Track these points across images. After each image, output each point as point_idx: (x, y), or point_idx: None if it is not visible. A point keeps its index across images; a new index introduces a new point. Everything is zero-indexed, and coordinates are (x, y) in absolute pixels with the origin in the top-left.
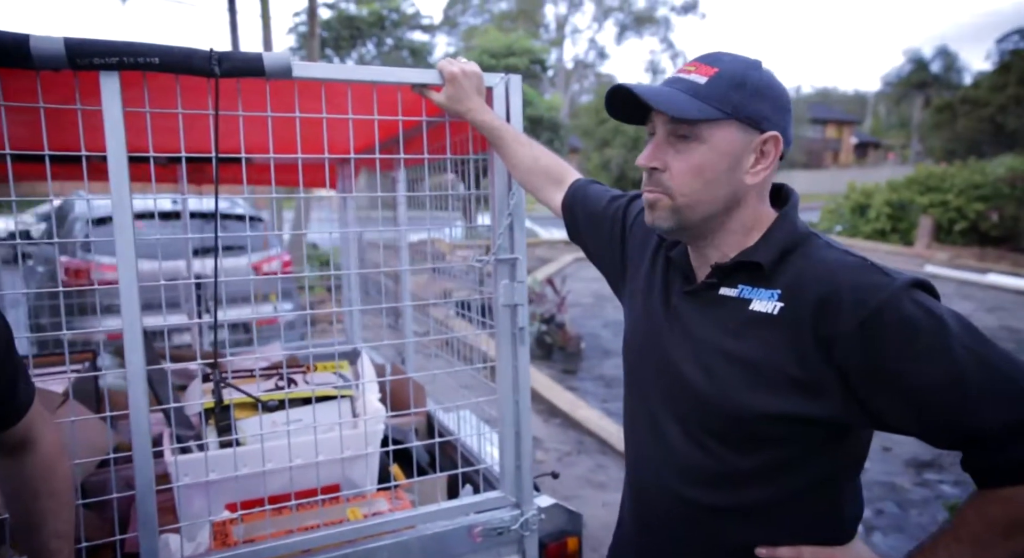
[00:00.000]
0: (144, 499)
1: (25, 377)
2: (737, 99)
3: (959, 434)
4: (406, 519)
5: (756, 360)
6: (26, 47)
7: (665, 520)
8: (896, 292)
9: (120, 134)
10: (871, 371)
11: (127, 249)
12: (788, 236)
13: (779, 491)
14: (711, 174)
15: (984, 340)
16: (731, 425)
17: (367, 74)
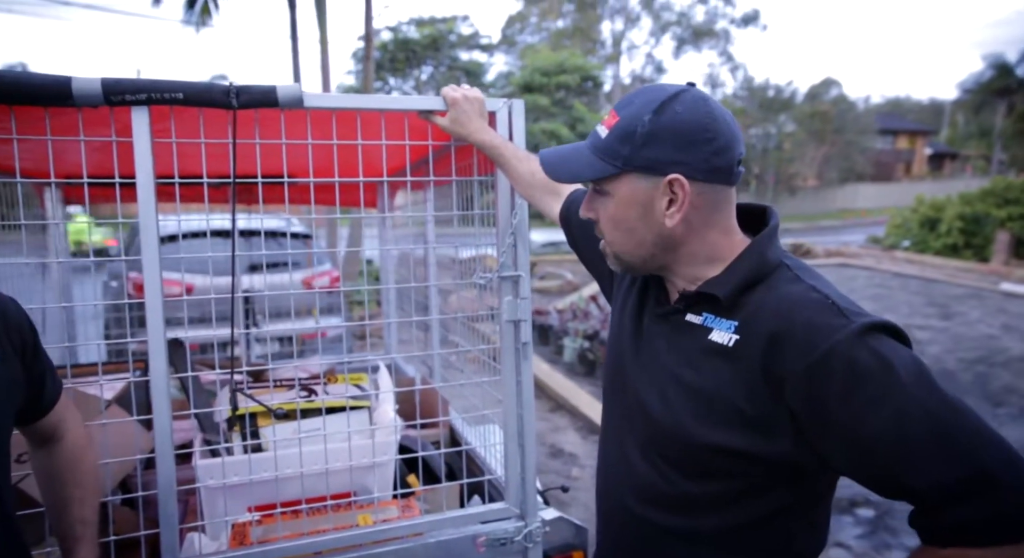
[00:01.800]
0: (165, 499)
1: (52, 374)
2: (627, 151)
3: (898, 489)
4: (412, 526)
5: (709, 391)
6: (68, 88)
7: (628, 540)
8: (848, 337)
9: (148, 162)
10: (816, 415)
11: (153, 266)
12: (753, 268)
13: (732, 520)
14: (625, 225)
15: (936, 394)
16: (683, 453)
17: (375, 103)
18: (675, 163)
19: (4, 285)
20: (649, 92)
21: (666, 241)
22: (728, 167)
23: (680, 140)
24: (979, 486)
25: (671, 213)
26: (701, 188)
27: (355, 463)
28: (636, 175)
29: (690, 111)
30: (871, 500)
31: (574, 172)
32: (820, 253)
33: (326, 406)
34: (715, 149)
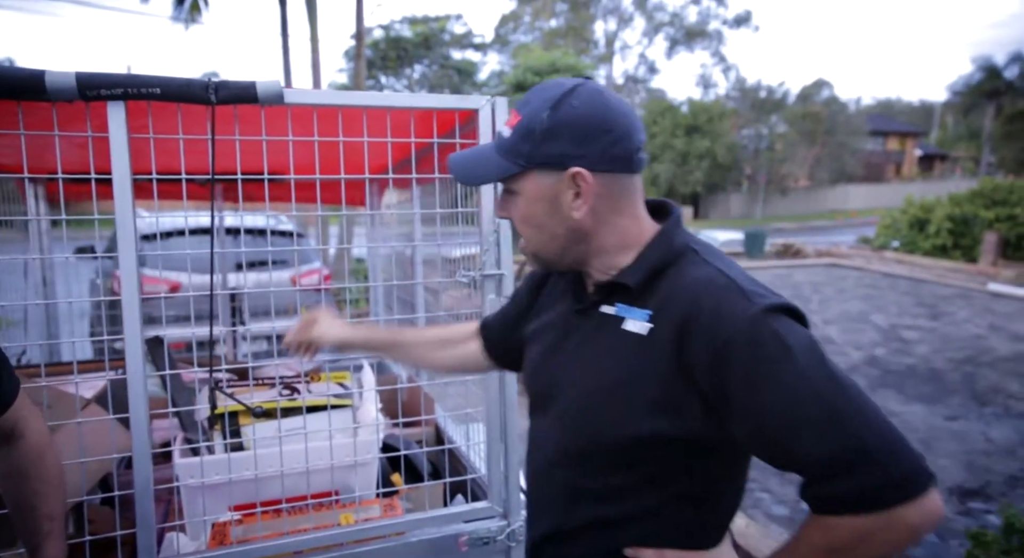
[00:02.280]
0: (142, 499)
1: (9, 372)
2: (527, 149)
3: (789, 462)
4: (394, 525)
5: (624, 379)
6: (41, 82)
7: (551, 530)
8: (750, 319)
9: (125, 158)
10: (722, 396)
11: (129, 262)
12: (662, 255)
13: (648, 504)
14: (535, 220)
15: (829, 375)
16: (604, 446)
17: (357, 99)
18: (575, 156)
19: None
20: (546, 89)
21: (576, 233)
22: (627, 155)
23: (578, 134)
24: (859, 460)
25: (577, 205)
26: (603, 178)
27: (337, 462)
28: (540, 171)
29: (586, 105)
30: None
31: (482, 175)
32: (811, 253)
33: (308, 405)
34: (613, 139)
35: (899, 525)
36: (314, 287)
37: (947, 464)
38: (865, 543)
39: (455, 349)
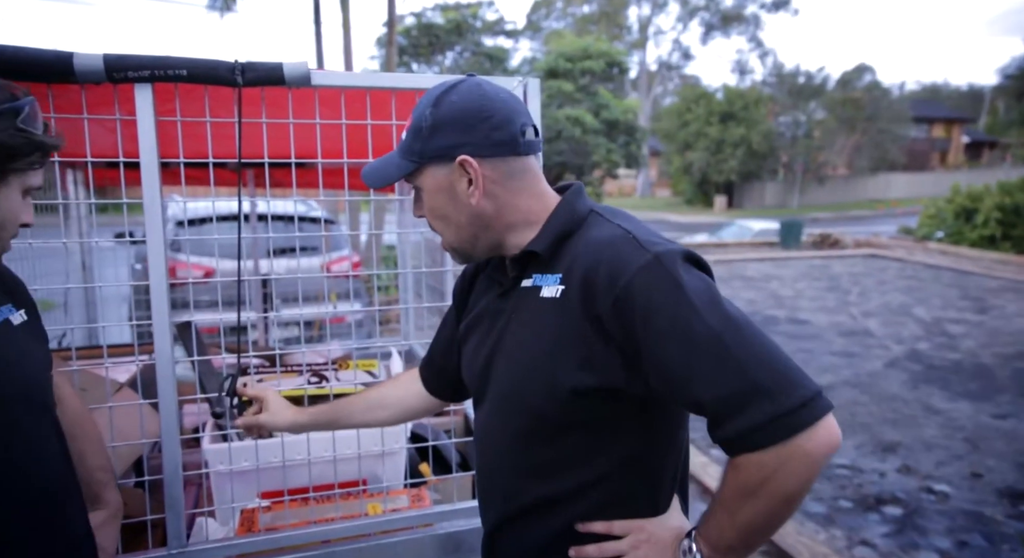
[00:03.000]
0: (171, 483)
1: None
2: (418, 146)
3: (692, 403)
4: (423, 517)
5: (547, 345)
6: (70, 63)
7: (502, 517)
8: (644, 266)
9: (152, 141)
10: (629, 343)
11: (157, 247)
12: (564, 221)
13: (591, 474)
14: (441, 212)
15: (724, 315)
16: (532, 415)
17: (385, 81)
18: (460, 146)
19: (27, 265)
20: (431, 90)
21: (480, 219)
22: (511, 139)
23: (459, 124)
24: (750, 397)
25: (471, 191)
26: (492, 163)
27: (364, 451)
28: (433, 165)
29: (464, 98)
30: (899, 498)
31: (384, 176)
32: (849, 243)
33: (335, 393)
34: (493, 125)
35: (798, 455)
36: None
37: (996, 465)
38: (771, 479)
39: (398, 403)
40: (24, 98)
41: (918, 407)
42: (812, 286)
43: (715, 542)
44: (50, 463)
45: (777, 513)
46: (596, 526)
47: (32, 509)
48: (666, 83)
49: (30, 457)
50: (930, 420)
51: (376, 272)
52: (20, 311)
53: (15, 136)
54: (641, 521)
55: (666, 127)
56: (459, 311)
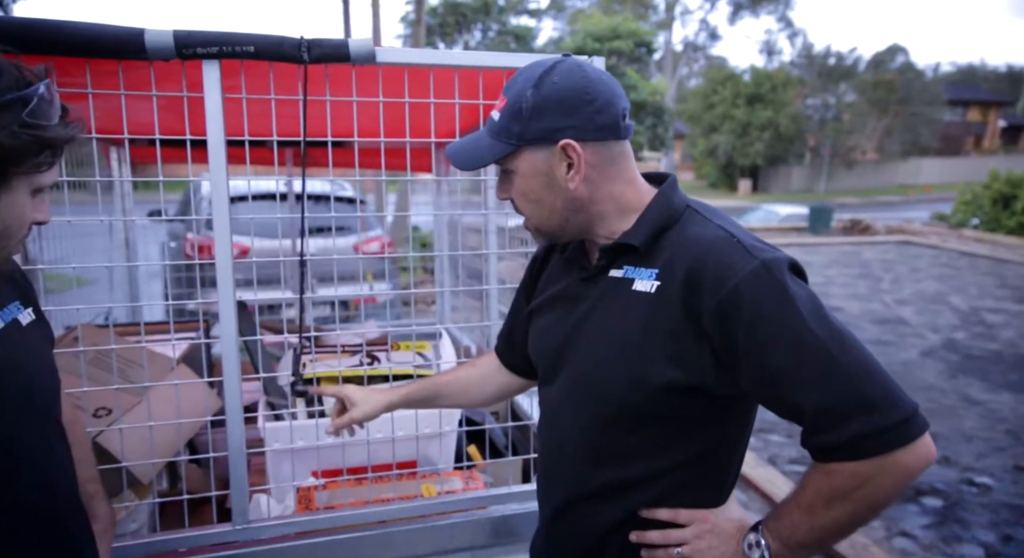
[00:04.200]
0: (235, 461)
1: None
2: (517, 128)
3: (791, 410)
4: (477, 499)
5: (638, 338)
6: (141, 41)
7: (569, 498)
8: (752, 272)
9: (219, 118)
10: (729, 345)
11: (223, 226)
12: (663, 215)
13: (666, 462)
14: (535, 195)
15: (830, 326)
16: (616, 404)
17: (447, 58)
18: (563, 129)
19: (71, 243)
20: (529, 69)
21: (575, 204)
22: (614, 123)
23: (563, 107)
24: (855, 409)
25: (571, 176)
26: (593, 147)
27: (421, 432)
28: (532, 148)
29: (567, 79)
30: (938, 489)
31: (476, 158)
32: (880, 230)
33: (392, 373)
34: (597, 108)
35: (895, 468)
36: (379, 254)
37: None
38: (863, 487)
39: (485, 383)
40: (35, 85)
41: (956, 397)
42: (843, 273)
43: (786, 538)
44: (56, 471)
45: (860, 519)
46: (661, 513)
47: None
48: (691, 64)
49: (37, 465)
50: (969, 411)
51: (417, 254)
52: (28, 310)
53: (18, 135)
54: (705, 511)
55: (691, 109)
56: (529, 290)
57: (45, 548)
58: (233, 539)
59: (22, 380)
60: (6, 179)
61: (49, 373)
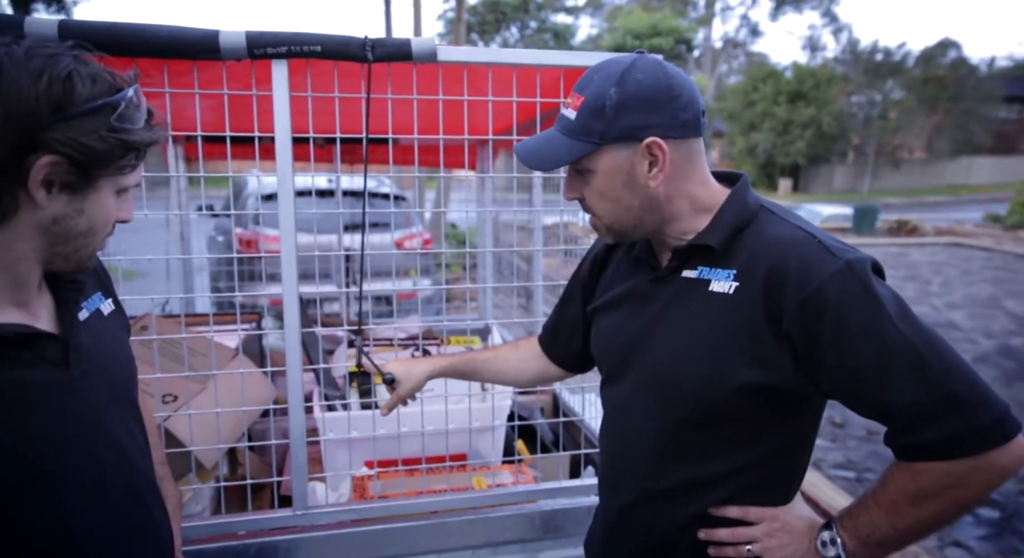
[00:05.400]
0: (297, 449)
1: None
2: (600, 126)
3: (877, 410)
4: (528, 493)
5: (716, 339)
6: (216, 42)
7: (637, 496)
8: (837, 272)
9: (286, 116)
10: (811, 345)
11: (288, 222)
12: (738, 215)
13: (739, 461)
14: (613, 194)
15: (916, 325)
16: (691, 403)
17: (507, 57)
18: (649, 127)
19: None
20: (606, 67)
21: (652, 202)
22: (696, 119)
23: (649, 104)
24: (947, 409)
25: (654, 174)
26: (677, 144)
27: (472, 426)
28: (615, 147)
29: (650, 76)
30: (995, 500)
31: (554, 158)
32: (929, 231)
33: None
34: (681, 105)
35: (990, 468)
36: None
37: None
38: (954, 487)
39: (531, 364)
40: (124, 90)
41: (1013, 406)
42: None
43: (864, 537)
44: (135, 452)
45: (946, 519)
46: (731, 511)
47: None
48: (731, 61)
49: (119, 445)
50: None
51: (463, 250)
52: (108, 300)
53: (105, 139)
54: (774, 509)
55: (730, 107)
56: (587, 288)
57: (127, 524)
58: (292, 524)
59: (105, 366)
60: (93, 180)
61: (128, 360)
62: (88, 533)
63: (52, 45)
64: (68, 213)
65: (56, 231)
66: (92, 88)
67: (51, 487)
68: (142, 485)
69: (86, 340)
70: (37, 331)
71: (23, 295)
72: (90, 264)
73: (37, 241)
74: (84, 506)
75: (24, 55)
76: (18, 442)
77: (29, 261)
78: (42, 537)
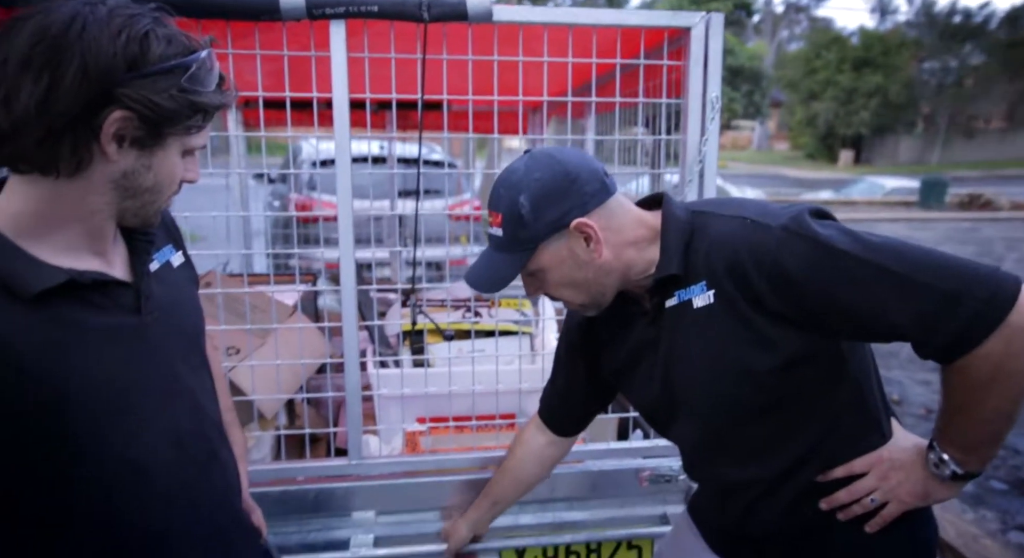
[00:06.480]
0: (352, 402)
1: None
2: (526, 233)
3: (888, 335)
4: (575, 453)
5: (724, 345)
6: (276, 2)
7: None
8: (781, 242)
9: (344, 77)
10: (799, 311)
11: (345, 184)
12: (680, 233)
13: (814, 432)
14: (568, 279)
15: (876, 247)
16: (741, 409)
17: (563, 16)
18: (567, 212)
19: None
20: (506, 179)
21: (605, 269)
22: (601, 184)
23: (557, 196)
24: (945, 305)
25: (593, 247)
26: (598, 212)
27: (518, 386)
28: (548, 242)
29: (546, 171)
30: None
31: (504, 276)
32: (1005, 205)
33: (491, 329)
34: (584, 181)
35: (1016, 333)
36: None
37: None
38: (1000, 365)
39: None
40: (197, 53)
41: None
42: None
43: (962, 444)
44: (205, 398)
45: (1016, 394)
46: (836, 473)
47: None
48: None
49: (190, 392)
50: None
51: None
52: (178, 253)
53: (175, 99)
54: (876, 452)
55: (790, 75)
56: (588, 352)
57: (197, 459)
58: (348, 472)
59: (174, 314)
60: (161, 138)
61: (196, 309)
62: (160, 465)
63: (134, 6)
64: (137, 168)
65: (125, 185)
66: (167, 48)
67: (126, 423)
68: (210, 426)
69: (156, 289)
70: (112, 278)
71: (100, 245)
72: (156, 220)
73: (109, 194)
74: (156, 441)
75: (107, 14)
76: (96, 379)
77: (103, 214)
78: (116, 468)
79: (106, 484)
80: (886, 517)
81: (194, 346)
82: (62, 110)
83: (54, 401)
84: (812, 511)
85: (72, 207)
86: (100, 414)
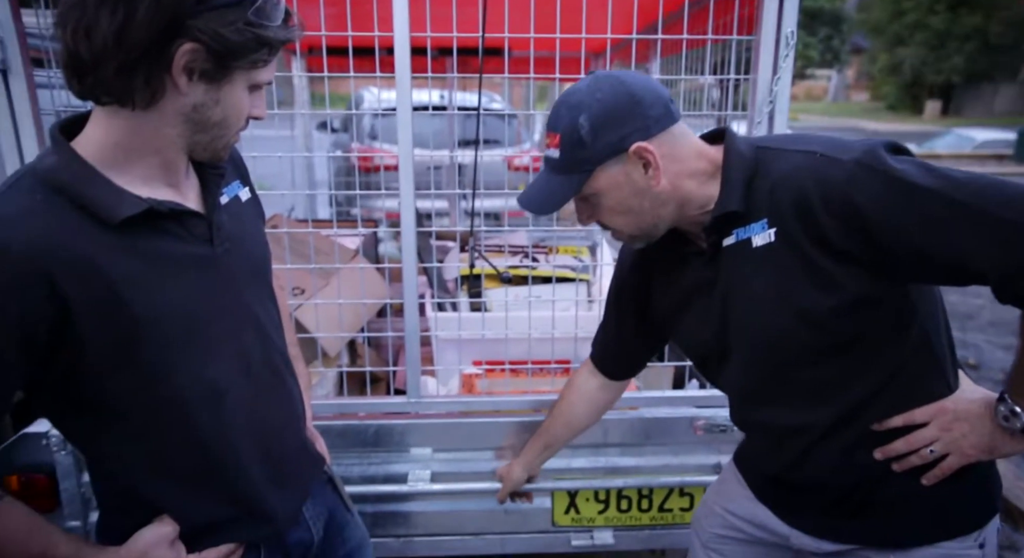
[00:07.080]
0: (411, 343)
1: None
2: (584, 155)
3: (965, 277)
4: (629, 400)
5: (785, 286)
6: None
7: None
8: (852, 176)
9: (405, 22)
10: (870, 249)
11: (406, 132)
12: (743, 168)
13: (878, 375)
14: (624, 206)
15: (955, 181)
16: (801, 351)
17: None
18: (628, 135)
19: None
20: (568, 99)
21: (661, 198)
22: (666, 110)
23: (618, 117)
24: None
25: (651, 174)
26: (660, 139)
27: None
28: (606, 166)
29: (609, 92)
30: None
31: (559, 198)
32: None
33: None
34: (648, 104)
35: None
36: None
37: None
38: None
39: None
40: None
41: None
42: None
43: None
44: (270, 327)
45: None
46: (895, 421)
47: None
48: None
49: (257, 320)
50: None
51: None
52: (246, 188)
53: (241, 32)
54: (941, 402)
55: (875, 18)
56: (638, 300)
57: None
58: (406, 410)
59: (243, 246)
60: (228, 72)
61: (263, 243)
62: (233, 386)
63: None
64: (206, 102)
65: (195, 118)
66: None
67: (200, 346)
68: (276, 356)
69: (227, 221)
70: (187, 209)
71: (174, 177)
72: (224, 154)
73: (180, 127)
74: (228, 366)
75: None
76: (173, 303)
77: (175, 147)
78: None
79: (184, 402)
80: (945, 469)
81: (261, 278)
82: (136, 41)
83: (135, 324)
84: (867, 460)
85: (148, 139)
86: (176, 338)
